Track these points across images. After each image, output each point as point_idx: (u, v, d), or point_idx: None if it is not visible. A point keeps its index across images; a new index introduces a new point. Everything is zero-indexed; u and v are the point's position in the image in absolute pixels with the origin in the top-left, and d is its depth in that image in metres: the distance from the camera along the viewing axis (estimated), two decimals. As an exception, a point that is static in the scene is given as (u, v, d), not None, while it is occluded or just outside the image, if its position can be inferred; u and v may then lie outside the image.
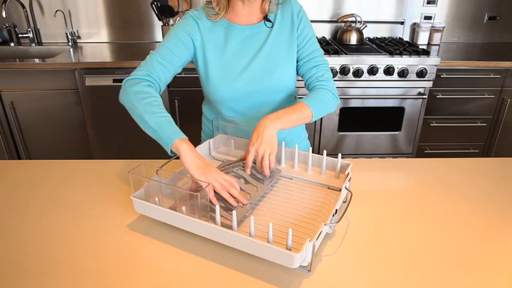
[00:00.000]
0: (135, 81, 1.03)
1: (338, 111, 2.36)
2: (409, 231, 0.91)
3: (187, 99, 2.33)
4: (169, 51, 1.08)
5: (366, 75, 2.27)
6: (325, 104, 1.10)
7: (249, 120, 1.18)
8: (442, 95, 2.40)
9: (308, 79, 1.16)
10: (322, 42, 2.57)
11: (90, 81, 2.22)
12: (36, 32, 2.65)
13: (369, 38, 2.76)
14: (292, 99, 1.25)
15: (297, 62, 1.19)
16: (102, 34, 2.71)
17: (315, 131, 2.41)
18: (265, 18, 1.15)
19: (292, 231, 0.73)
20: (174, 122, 0.96)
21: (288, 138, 1.26)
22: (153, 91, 1.02)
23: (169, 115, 0.97)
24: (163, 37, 2.60)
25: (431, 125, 2.48)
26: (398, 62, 2.24)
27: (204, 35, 1.13)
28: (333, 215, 0.84)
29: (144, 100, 0.98)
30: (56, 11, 2.59)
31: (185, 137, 0.93)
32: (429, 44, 2.74)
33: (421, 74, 2.26)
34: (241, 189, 0.93)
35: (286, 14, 1.16)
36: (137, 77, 1.04)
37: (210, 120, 1.25)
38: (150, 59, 1.07)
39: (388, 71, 2.24)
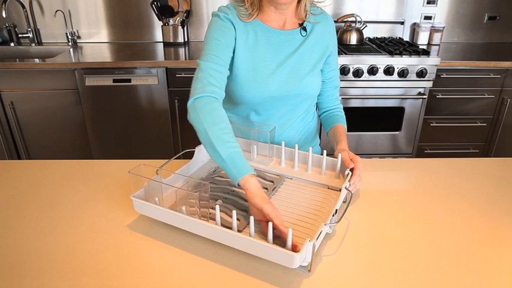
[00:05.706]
0: (203, 100, 0.98)
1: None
2: (409, 231, 0.91)
3: (187, 99, 2.32)
4: (219, 59, 1.04)
5: (366, 75, 2.27)
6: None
7: (249, 121, 1.18)
8: (442, 95, 2.39)
9: (328, 96, 1.27)
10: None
11: (90, 81, 2.22)
12: (36, 32, 2.65)
13: (369, 38, 2.76)
14: (312, 107, 1.28)
15: (323, 79, 1.22)
16: (102, 34, 2.71)
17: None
18: (301, 26, 1.13)
19: (292, 231, 0.73)
20: (243, 154, 0.91)
21: (300, 142, 1.29)
22: (223, 111, 0.98)
23: (238, 145, 0.92)
24: (163, 37, 2.64)
25: (431, 125, 2.48)
26: (398, 62, 2.24)
27: (237, 34, 1.09)
28: (333, 215, 0.84)
29: (215, 126, 0.93)
30: (56, 11, 2.59)
31: (253, 172, 0.89)
32: (429, 44, 2.74)
33: (421, 74, 2.26)
34: (245, 200, 0.93)
35: (325, 30, 1.16)
36: (203, 95, 0.99)
37: None
38: (206, 74, 1.02)
39: (388, 71, 2.24)
